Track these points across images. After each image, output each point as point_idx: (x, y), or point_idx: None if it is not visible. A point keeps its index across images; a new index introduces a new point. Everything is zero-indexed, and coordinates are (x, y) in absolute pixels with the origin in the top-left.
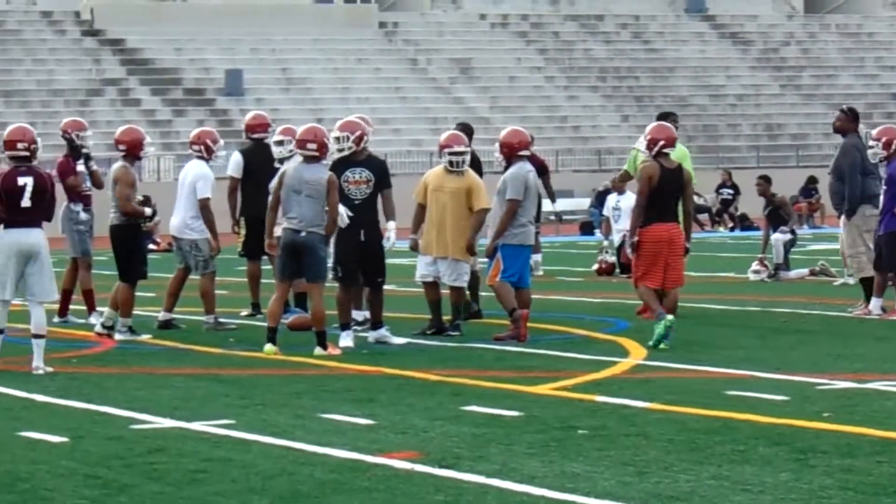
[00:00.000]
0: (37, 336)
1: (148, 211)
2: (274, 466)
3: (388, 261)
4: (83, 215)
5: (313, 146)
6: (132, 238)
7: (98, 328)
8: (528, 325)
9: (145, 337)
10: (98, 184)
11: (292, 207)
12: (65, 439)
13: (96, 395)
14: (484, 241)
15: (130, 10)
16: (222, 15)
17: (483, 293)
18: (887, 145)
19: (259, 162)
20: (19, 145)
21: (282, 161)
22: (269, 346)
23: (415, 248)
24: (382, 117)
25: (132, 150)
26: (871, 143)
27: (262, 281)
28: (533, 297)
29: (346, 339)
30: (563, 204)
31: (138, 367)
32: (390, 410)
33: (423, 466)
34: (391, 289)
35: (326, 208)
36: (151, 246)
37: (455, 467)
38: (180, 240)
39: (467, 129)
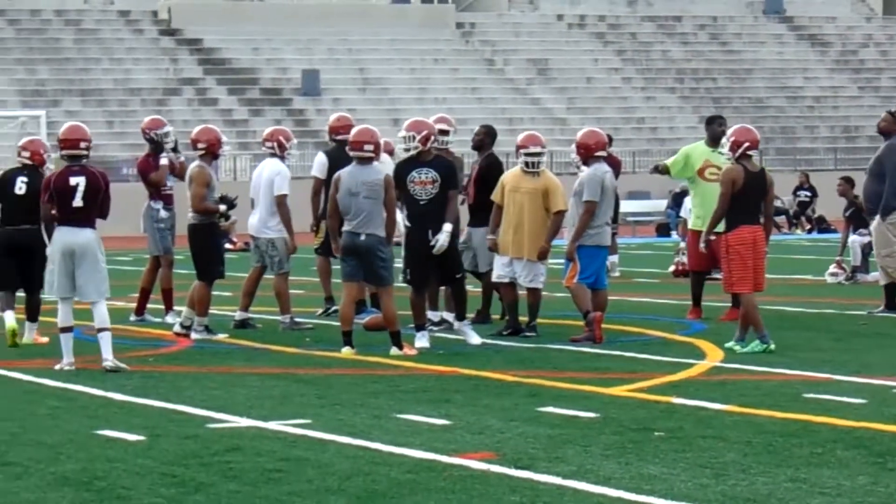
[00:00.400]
0: (102, 330)
1: (222, 208)
2: (350, 466)
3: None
4: (163, 213)
5: (370, 147)
6: (209, 237)
7: (177, 328)
8: (605, 326)
9: (222, 336)
10: (182, 176)
11: (350, 210)
12: (141, 438)
13: (173, 394)
14: (560, 243)
15: (208, 9)
16: (300, 15)
17: (559, 294)
18: None
19: (343, 163)
20: (82, 144)
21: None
22: (346, 349)
23: (493, 249)
24: (459, 118)
25: (211, 149)
26: None
27: (333, 280)
28: (609, 298)
29: (422, 340)
30: (639, 205)
31: (215, 367)
32: (466, 411)
33: (499, 467)
34: (470, 289)
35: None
36: (228, 245)
37: (531, 468)
38: (258, 238)
39: (490, 133)
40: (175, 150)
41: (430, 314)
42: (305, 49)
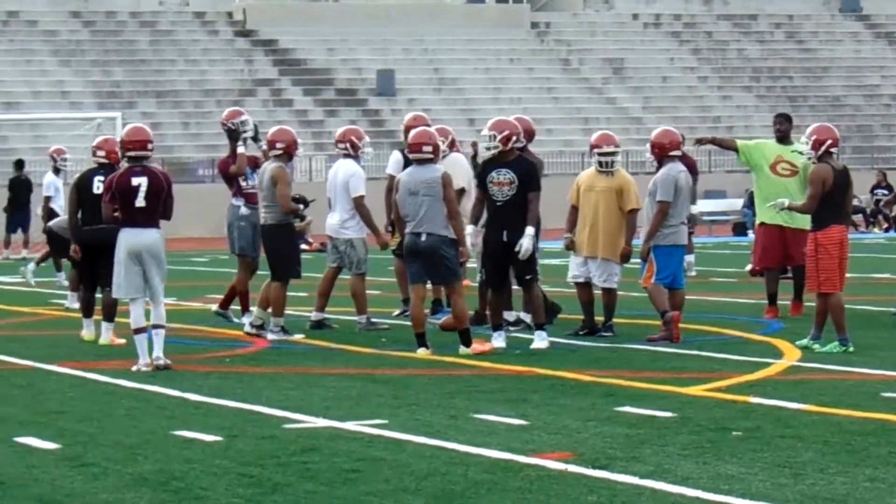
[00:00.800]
0: (156, 326)
1: (301, 206)
2: (427, 466)
3: (546, 262)
4: (243, 210)
5: (428, 149)
6: (286, 237)
7: (247, 328)
8: (682, 326)
9: (298, 337)
10: (255, 164)
11: (410, 211)
12: (218, 438)
13: (249, 395)
14: (637, 242)
15: (283, 10)
16: (374, 15)
17: (636, 293)
18: None
19: None
20: (149, 146)
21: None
22: (421, 350)
23: (569, 247)
24: (534, 117)
25: (288, 150)
26: None
27: None
28: (686, 297)
29: (498, 340)
30: (715, 205)
31: (291, 367)
32: (543, 411)
33: (577, 467)
34: (545, 289)
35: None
36: (304, 246)
37: (608, 468)
38: (336, 239)
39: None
40: (256, 139)
41: (506, 314)
42: (380, 49)
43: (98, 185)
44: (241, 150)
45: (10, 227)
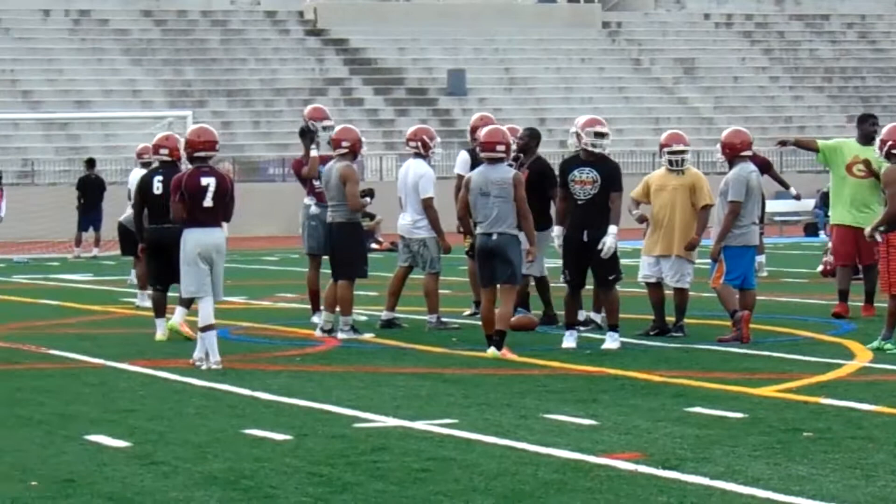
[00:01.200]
0: (204, 329)
1: (367, 200)
2: (497, 466)
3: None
4: (313, 209)
5: (501, 148)
6: (355, 236)
7: (318, 332)
8: (753, 326)
9: (368, 336)
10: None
11: (482, 211)
12: (288, 437)
13: (320, 394)
14: (707, 242)
15: (354, 9)
16: (445, 15)
17: (706, 294)
18: None
19: None
20: (217, 146)
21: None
22: (491, 350)
23: (642, 220)
24: (605, 117)
25: (354, 148)
26: None
27: None
28: (757, 298)
29: (569, 340)
30: (787, 205)
31: (361, 366)
32: (613, 411)
33: (647, 467)
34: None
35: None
36: (374, 245)
37: (679, 469)
38: (409, 239)
39: (534, 136)
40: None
41: (592, 315)
42: (451, 49)
43: (158, 186)
44: (314, 152)
45: (81, 226)
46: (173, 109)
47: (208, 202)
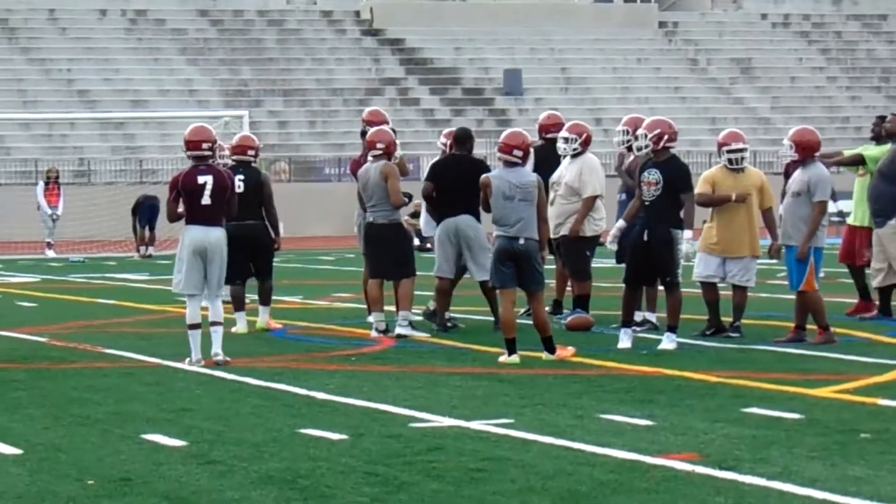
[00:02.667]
0: (214, 324)
1: (413, 203)
2: (553, 466)
3: None
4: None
5: (519, 153)
6: (400, 235)
7: (374, 332)
8: (809, 327)
9: (422, 335)
10: (402, 171)
11: (506, 215)
12: (344, 437)
13: (375, 393)
14: (763, 243)
15: (410, 9)
16: (501, 14)
17: (763, 294)
18: None
19: (551, 160)
20: (204, 145)
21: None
22: (506, 357)
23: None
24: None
25: (388, 150)
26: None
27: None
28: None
29: (625, 340)
30: (844, 206)
31: (417, 366)
32: (670, 411)
33: (704, 468)
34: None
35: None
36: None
37: (736, 469)
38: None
39: (466, 136)
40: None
41: (647, 315)
42: (507, 48)
43: (239, 184)
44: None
45: (141, 224)
46: (229, 109)
47: (206, 200)
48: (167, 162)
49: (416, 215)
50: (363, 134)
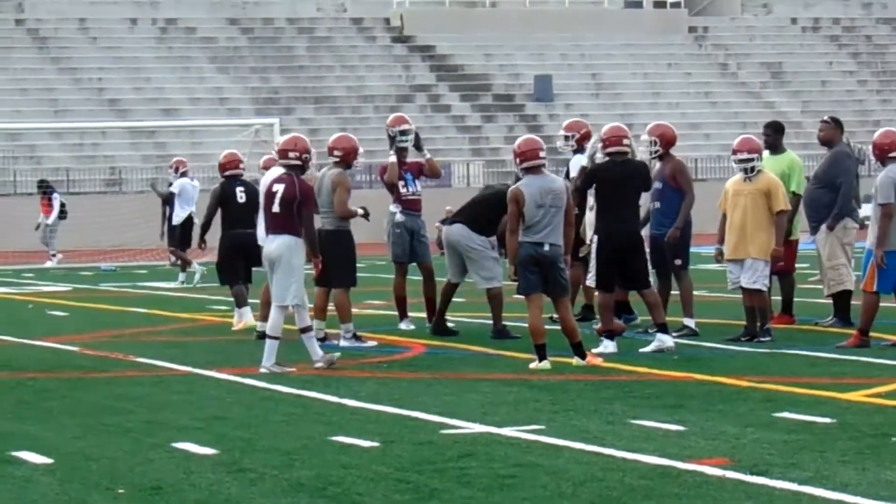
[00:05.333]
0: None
1: (360, 211)
2: (584, 472)
3: (703, 267)
4: (399, 217)
5: (543, 153)
6: (344, 244)
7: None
8: (841, 331)
9: (371, 343)
10: (433, 172)
11: (538, 222)
12: (375, 444)
13: (406, 400)
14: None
15: (440, 16)
16: (532, 20)
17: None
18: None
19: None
20: (291, 154)
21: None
22: (536, 364)
23: (718, 259)
24: (692, 122)
25: (347, 158)
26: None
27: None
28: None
29: (668, 341)
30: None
31: (448, 373)
32: (701, 416)
33: (735, 473)
34: (701, 294)
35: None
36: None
37: (767, 474)
38: None
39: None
40: (418, 146)
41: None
42: (538, 55)
43: (241, 195)
44: (391, 159)
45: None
46: (260, 117)
47: (276, 208)
48: (198, 170)
49: (446, 221)
50: (392, 139)
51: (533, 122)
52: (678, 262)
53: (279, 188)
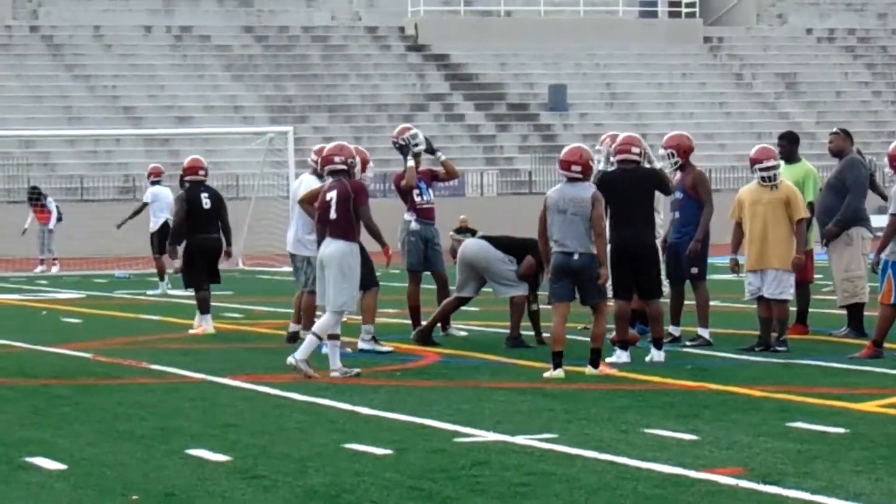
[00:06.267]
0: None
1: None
2: (597, 481)
3: (717, 277)
4: (413, 225)
5: (577, 168)
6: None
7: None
8: (856, 342)
9: (388, 347)
10: (450, 173)
11: (559, 230)
12: (389, 451)
13: (420, 408)
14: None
15: (454, 25)
16: (546, 30)
17: (813, 309)
18: None
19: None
20: (336, 159)
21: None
22: (550, 372)
23: (734, 269)
24: (707, 132)
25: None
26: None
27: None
28: (864, 313)
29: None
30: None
31: (461, 381)
32: (714, 426)
33: (748, 482)
34: (715, 304)
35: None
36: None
37: (780, 484)
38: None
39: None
40: (431, 150)
41: (672, 329)
42: (552, 64)
43: (206, 202)
44: (409, 163)
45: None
46: (274, 125)
47: (332, 214)
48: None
49: (461, 231)
50: (401, 148)
51: (547, 131)
52: (695, 270)
53: (332, 195)
